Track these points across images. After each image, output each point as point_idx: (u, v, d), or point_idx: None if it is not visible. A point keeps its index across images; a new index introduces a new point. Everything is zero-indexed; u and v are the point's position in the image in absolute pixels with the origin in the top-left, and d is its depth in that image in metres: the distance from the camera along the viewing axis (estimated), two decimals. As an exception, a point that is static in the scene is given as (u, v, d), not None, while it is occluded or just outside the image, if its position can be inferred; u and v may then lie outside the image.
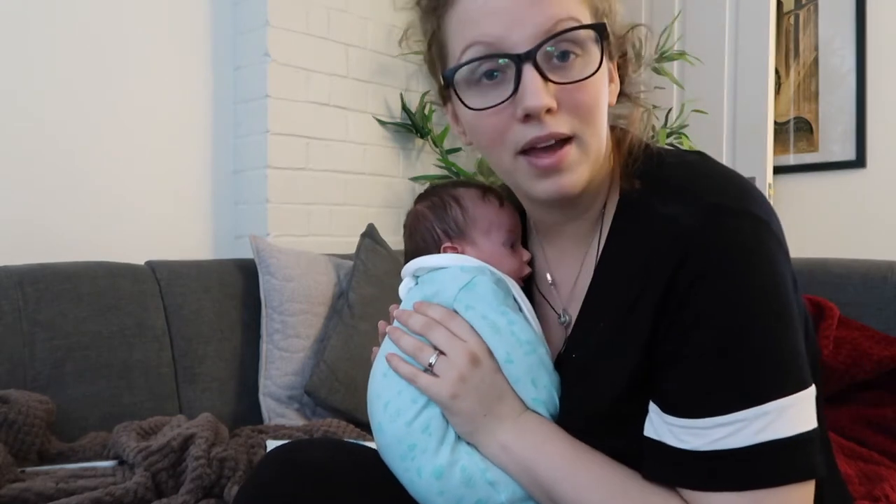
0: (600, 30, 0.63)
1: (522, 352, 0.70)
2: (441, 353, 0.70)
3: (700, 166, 0.66)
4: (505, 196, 0.82)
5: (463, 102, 0.66)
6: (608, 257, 0.69)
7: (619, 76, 0.71)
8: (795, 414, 0.58)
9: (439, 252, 0.81)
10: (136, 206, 1.83)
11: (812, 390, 0.60)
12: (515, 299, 0.76)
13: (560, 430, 0.68)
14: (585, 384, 0.69)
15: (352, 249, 1.89)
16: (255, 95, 1.97)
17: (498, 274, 0.76)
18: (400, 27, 2.45)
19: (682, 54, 2.23)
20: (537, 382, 0.70)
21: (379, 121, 2.24)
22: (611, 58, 0.68)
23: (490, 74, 0.63)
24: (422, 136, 2.34)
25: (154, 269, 1.63)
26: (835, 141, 2.29)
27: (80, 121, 1.73)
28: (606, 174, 0.71)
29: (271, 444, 1.33)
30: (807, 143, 2.35)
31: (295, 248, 1.82)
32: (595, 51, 0.63)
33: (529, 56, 0.61)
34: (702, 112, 2.22)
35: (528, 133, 0.62)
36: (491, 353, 0.70)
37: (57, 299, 1.43)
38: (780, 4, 2.37)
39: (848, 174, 2.27)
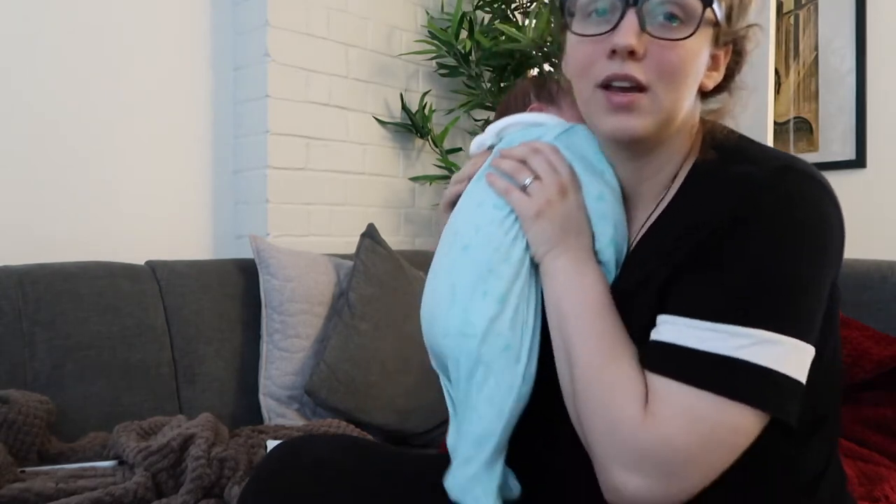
0: (705, 2, 0.67)
1: (614, 197, 0.75)
2: (537, 177, 0.75)
3: (775, 148, 0.72)
4: None
5: (569, 27, 0.72)
6: (671, 208, 0.73)
7: (727, 70, 0.75)
8: (778, 354, 0.61)
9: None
10: (136, 206, 1.83)
11: (809, 350, 0.63)
12: None
13: (606, 287, 0.72)
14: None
15: (352, 249, 1.89)
16: (255, 95, 1.97)
17: None
18: (401, 27, 2.46)
19: (682, 54, 2.23)
20: (618, 227, 0.75)
21: (379, 121, 2.24)
22: (717, 43, 0.71)
23: (601, 11, 0.69)
24: (422, 136, 2.34)
25: (154, 269, 1.63)
26: (835, 141, 2.29)
27: (79, 121, 1.73)
28: (684, 145, 0.75)
29: (271, 445, 1.33)
30: (807, 143, 2.35)
31: (295, 248, 1.82)
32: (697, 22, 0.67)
33: (636, 3, 0.67)
34: (702, 112, 2.22)
35: (609, 68, 0.68)
36: (579, 192, 0.75)
37: (57, 299, 1.43)
38: (780, 4, 2.37)
39: (848, 174, 2.26)
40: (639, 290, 0.70)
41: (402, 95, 2.30)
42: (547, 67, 2.31)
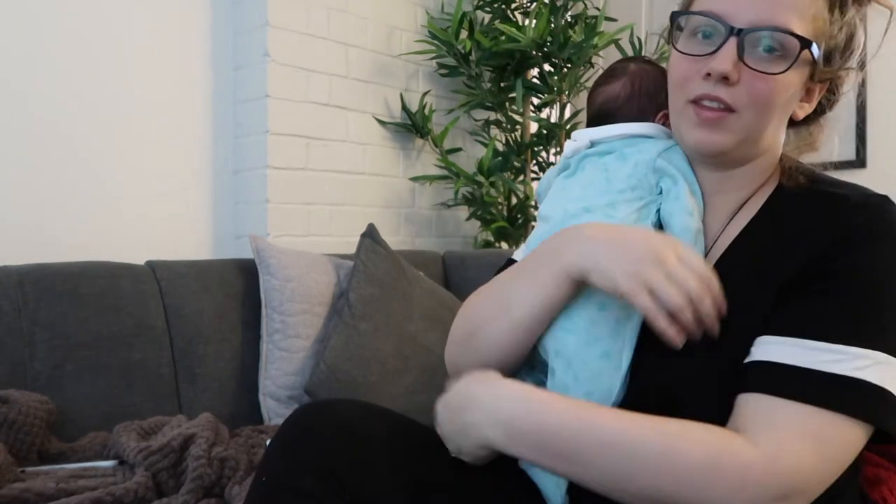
0: (804, 44, 0.70)
1: (698, 214, 0.78)
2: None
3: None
4: None
5: (673, 41, 0.78)
6: (756, 225, 0.76)
7: (819, 105, 0.80)
8: (892, 375, 0.63)
9: (653, 116, 0.90)
10: (136, 206, 1.83)
11: None
12: None
13: None
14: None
15: (352, 249, 1.89)
16: (255, 95, 1.97)
17: None
18: (400, 27, 2.46)
19: (682, 54, 2.23)
20: (697, 243, 0.77)
21: (379, 121, 2.24)
22: (812, 79, 0.76)
23: (707, 34, 0.73)
24: (422, 136, 2.34)
25: (154, 269, 1.63)
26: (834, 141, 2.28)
27: (79, 121, 1.73)
28: (768, 168, 0.79)
29: (271, 444, 1.33)
30: (807, 144, 2.34)
31: (295, 248, 1.82)
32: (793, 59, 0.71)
33: (739, 33, 0.70)
34: (702, 112, 2.22)
35: (703, 88, 0.73)
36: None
37: (57, 299, 1.43)
38: (780, 4, 2.36)
39: (848, 174, 2.26)
40: (733, 310, 0.69)
41: (402, 95, 2.30)
42: (547, 67, 2.31)
